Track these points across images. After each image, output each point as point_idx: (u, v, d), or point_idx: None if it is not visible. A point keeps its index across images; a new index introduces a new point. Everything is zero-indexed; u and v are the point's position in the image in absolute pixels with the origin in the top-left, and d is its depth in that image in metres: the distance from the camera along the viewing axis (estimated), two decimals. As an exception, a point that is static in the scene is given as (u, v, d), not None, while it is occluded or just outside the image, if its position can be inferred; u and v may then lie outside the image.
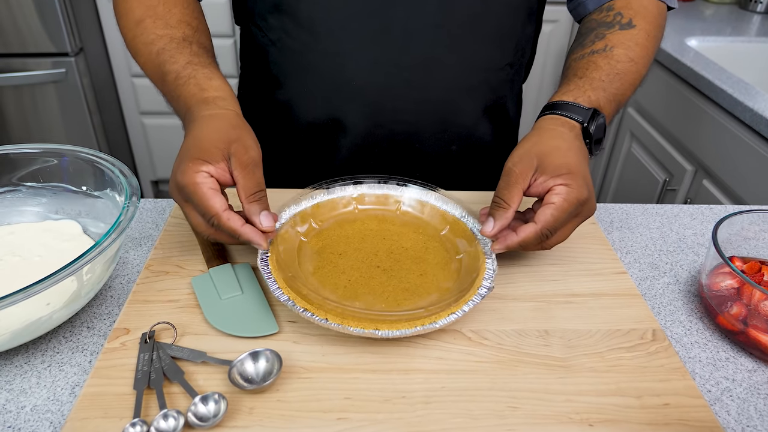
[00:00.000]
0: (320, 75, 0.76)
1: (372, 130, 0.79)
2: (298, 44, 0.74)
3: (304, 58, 0.75)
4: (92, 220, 0.65)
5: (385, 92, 0.75)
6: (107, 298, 0.59)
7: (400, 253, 0.61)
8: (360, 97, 0.76)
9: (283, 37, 0.75)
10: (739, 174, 1.23)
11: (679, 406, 0.47)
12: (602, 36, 0.69)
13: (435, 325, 0.50)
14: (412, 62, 0.73)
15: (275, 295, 0.52)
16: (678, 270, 0.66)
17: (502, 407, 0.46)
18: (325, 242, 0.62)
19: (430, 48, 0.73)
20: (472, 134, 0.82)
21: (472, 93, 0.78)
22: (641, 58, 0.68)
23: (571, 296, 0.59)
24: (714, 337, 0.57)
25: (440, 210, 0.64)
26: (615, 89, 0.65)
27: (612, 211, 0.77)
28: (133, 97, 2.14)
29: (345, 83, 0.75)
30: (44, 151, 0.64)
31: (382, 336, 0.49)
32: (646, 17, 0.70)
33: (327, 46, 0.73)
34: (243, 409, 0.45)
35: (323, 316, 0.50)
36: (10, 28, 1.80)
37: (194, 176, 0.53)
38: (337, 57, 0.74)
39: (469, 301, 0.53)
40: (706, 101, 1.32)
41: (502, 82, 0.80)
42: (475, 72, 0.77)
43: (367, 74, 0.74)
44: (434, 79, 0.75)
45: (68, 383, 0.49)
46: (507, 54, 0.78)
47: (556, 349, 0.52)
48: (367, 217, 0.65)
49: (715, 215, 0.77)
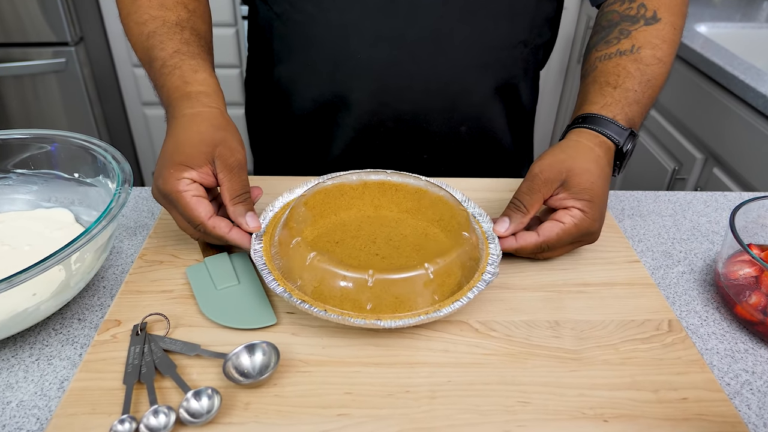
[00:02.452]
0: (324, 48, 0.73)
1: (377, 108, 0.76)
2: (303, 16, 0.72)
3: (309, 30, 0.73)
4: (85, 209, 0.62)
5: (391, 68, 0.73)
6: (99, 289, 0.57)
7: (399, 240, 0.58)
8: (365, 73, 0.73)
9: (288, 9, 0.73)
10: (751, 162, 1.20)
11: (698, 401, 0.45)
12: (627, 33, 0.66)
13: (439, 313, 0.48)
14: (419, 36, 0.71)
15: (271, 287, 0.49)
16: (692, 258, 0.64)
17: (512, 402, 0.44)
18: (321, 231, 0.59)
19: (438, 21, 0.70)
20: (482, 115, 0.79)
21: (483, 71, 0.75)
22: (668, 55, 0.66)
23: (582, 285, 0.56)
24: (732, 328, 0.55)
25: (439, 195, 0.61)
26: (647, 99, 0.63)
27: (623, 198, 0.74)
28: (135, 87, 2.12)
29: (349, 57, 0.72)
30: (35, 136, 0.62)
31: (384, 326, 0.47)
32: (670, 7, 0.67)
33: (331, 17, 0.71)
34: (238, 405, 0.43)
35: (322, 308, 0.48)
36: (11, 17, 1.78)
37: (176, 184, 0.52)
38: (341, 29, 0.71)
39: (473, 288, 0.50)
40: (717, 88, 1.29)
41: (515, 61, 0.77)
42: (486, 49, 0.74)
43: (372, 48, 0.71)
44: (442, 54, 0.72)
45: (57, 377, 0.47)
46: (520, 31, 0.74)
47: (568, 341, 0.50)
48: (363, 204, 0.62)
49: (730, 202, 0.74)
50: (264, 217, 0.58)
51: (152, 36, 0.62)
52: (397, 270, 0.49)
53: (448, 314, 0.48)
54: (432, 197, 0.61)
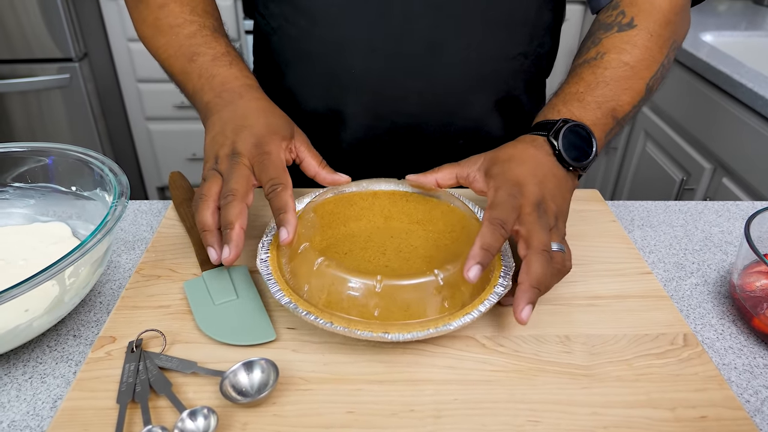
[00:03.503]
0: (319, 63, 0.73)
1: (372, 122, 0.75)
2: (297, 31, 0.72)
3: (304, 45, 0.72)
4: (83, 223, 0.61)
5: (386, 81, 0.71)
6: (96, 305, 0.55)
7: (409, 251, 0.57)
8: (359, 86, 0.72)
9: (283, 24, 0.73)
10: (760, 170, 1.18)
11: (718, 419, 0.43)
12: (598, 41, 0.64)
13: (449, 326, 0.46)
14: (414, 49, 0.69)
15: (276, 297, 0.48)
16: (706, 270, 0.62)
17: (521, 421, 0.42)
18: (329, 241, 0.58)
19: (433, 33, 0.69)
20: (480, 128, 0.77)
21: (481, 83, 0.74)
22: (639, 61, 0.62)
23: (593, 298, 0.54)
24: (749, 342, 0.52)
25: (451, 206, 0.60)
26: (598, 96, 0.60)
27: (632, 208, 0.73)
28: (139, 102, 2.13)
29: (344, 71, 0.72)
30: (32, 150, 0.61)
31: (391, 339, 0.45)
32: (651, 15, 0.64)
33: (325, 32, 0.70)
34: (235, 425, 0.41)
35: (328, 320, 0.46)
36: (16, 33, 1.79)
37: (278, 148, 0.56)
38: (335, 44, 0.70)
39: (485, 301, 0.48)
40: (724, 96, 1.27)
41: (514, 73, 0.75)
42: (484, 61, 0.72)
43: (367, 61, 0.70)
44: (438, 67, 0.71)
45: (50, 396, 0.46)
46: (519, 42, 0.73)
47: (579, 357, 0.48)
48: (373, 215, 0.61)
49: (742, 212, 0.73)
50: (271, 227, 0.56)
51: (195, 36, 0.66)
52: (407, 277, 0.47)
53: (458, 327, 0.46)
54: (443, 208, 0.59)
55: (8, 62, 1.85)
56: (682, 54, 1.41)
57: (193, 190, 0.68)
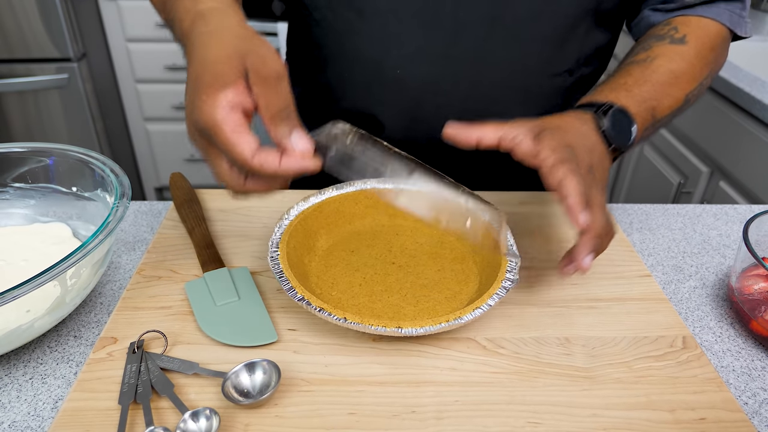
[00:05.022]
0: (363, 60, 0.71)
1: (411, 125, 0.74)
2: (343, 24, 0.70)
3: (348, 40, 0.71)
4: (83, 223, 0.61)
5: (430, 86, 0.71)
6: (96, 305, 0.55)
7: (414, 248, 0.58)
8: (402, 88, 0.71)
9: (328, 15, 0.71)
10: (758, 175, 1.18)
11: (716, 421, 0.43)
12: (648, 47, 0.66)
13: (461, 320, 0.46)
14: (461, 55, 0.69)
15: (289, 294, 0.48)
16: (704, 273, 0.62)
17: (522, 423, 0.42)
18: (336, 240, 0.59)
19: (481, 43, 0.68)
20: None
21: (523, 97, 0.73)
22: (684, 74, 0.64)
23: (592, 301, 0.54)
24: (747, 345, 0.53)
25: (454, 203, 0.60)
26: (644, 92, 0.61)
27: (631, 211, 0.73)
28: (137, 102, 2.12)
29: (387, 70, 0.71)
30: (32, 150, 0.61)
31: (405, 334, 0.45)
32: (700, 36, 0.66)
33: (373, 28, 0.69)
34: (237, 426, 0.41)
35: (341, 315, 0.46)
36: (14, 33, 1.79)
37: (213, 112, 0.43)
38: (382, 41, 0.69)
39: (493, 295, 0.49)
40: (722, 100, 1.28)
41: (557, 90, 0.74)
42: (528, 74, 0.72)
43: (412, 63, 0.70)
44: (483, 76, 0.70)
45: (51, 397, 0.46)
46: (566, 60, 0.72)
47: (579, 359, 0.48)
48: (377, 213, 0.62)
49: (740, 215, 0.73)
50: (279, 226, 0.56)
51: None
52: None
53: (470, 321, 0.46)
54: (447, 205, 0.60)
55: (6, 62, 1.84)
56: (680, 57, 1.41)
57: (194, 191, 0.68)
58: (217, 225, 0.64)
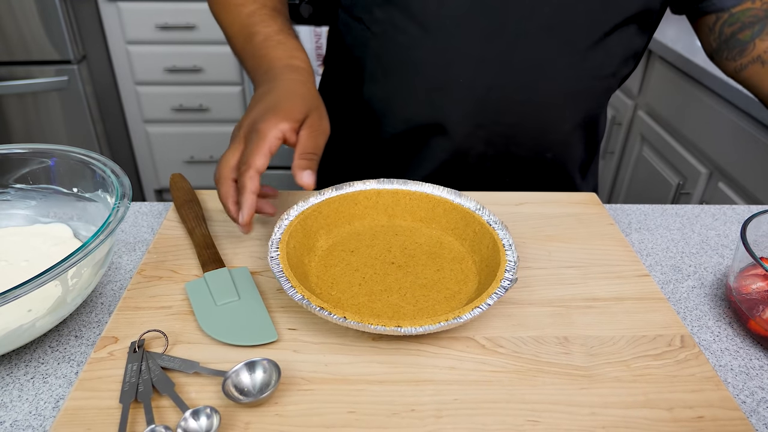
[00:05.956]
0: (425, 71, 0.73)
1: (472, 131, 0.76)
2: (406, 38, 0.72)
3: (411, 52, 0.73)
4: (84, 224, 0.61)
5: (491, 92, 0.73)
6: (97, 305, 0.55)
7: (414, 248, 0.58)
8: (465, 96, 0.74)
9: (389, 29, 0.73)
10: (757, 176, 1.19)
11: (714, 419, 0.43)
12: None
13: (460, 319, 0.47)
14: (521, 64, 0.71)
15: (289, 294, 0.48)
16: (702, 272, 0.62)
17: (521, 421, 0.43)
18: (335, 240, 0.59)
19: (540, 51, 0.71)
20: (568, 142, 0.80)
21: (576, 99, 0.76)
22: None
23: (591, 300, 0.55)
24: (745, 344, 0.53)
25: (453, 203, 0.61)
26: None
27: (629, 212, 0.73)
28: (137, 104, 2.13)
29: (450, 80, 0.73)
30: (33, 151, 0.61)
31: (404, 333, 0.46)
32: None
33: (437, 40, 0.71)
34: (238, 424, 0.42)
35: (341, 314, 0.46)
36: (14, 35, 1.79)
37: (270, 129, 0.55)
38: (445, 53, 0.71)
39: (492, 294, 0.49)
40: (720, 101, 1.28)
41: (604, 91, 0.78)
42: (581, 78, 0.74)
43: (475, 72, 0.72)
44: (542, 81, 0.73)
45: (52, 396, 0.46)
46: (613, 63, 0.75)
47: (578, 358, 0.48)
48: (377, 213, 0.62)
49: (738, 216, 0.73)
50: (279, 226, 0.57)
51: (254, 15, 0.70)
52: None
53: (469, 320, 0.47)
54: (446, 206, 0.61)
55: (6, 64, 1.85)
56: (679, 59, 1.42)
57: (194, 191, 0.68)
58: (217, 225, 0.64)
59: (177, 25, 1.97)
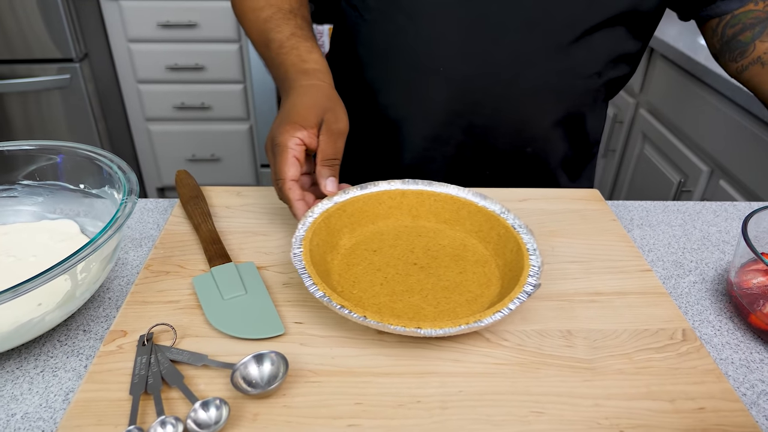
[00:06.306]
0: (409, 58, 0.75)
1: (451, 119, 0.78)
2: (394, 26, 0.74)
3: (396, 39, 0.75)
4: (91, 220, 0.62)
5: (470, 82, 0.74)
6: (105, 300, 0.56)
7: (437, 250, 0.58)
8: (444, 85, 0.75)
9: (378, 18, 0.75)
10: (758, 173, 1.19)
11: (715, 411, 0.44)
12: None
13: (480, 323, 0.46)
14: (502, 57, 0.72)
15: (310, 291, 0.49)
16: (704, 268, 0.63)
17: (525, 412, 0.43)
18: (358, 239, 0.60)
19: (522, 45, 0.72)
20: (548, 138, 0.81)
21: (556, 96, 0.77)
22: None
23: (594, 295, 0.55)
24: (746, 338, 0.54)
25: (478, 206, 0.61)
26: None
27: (631, 208, 0.74)
28: (139, 103, 2.13)
29: (432, 68, 0.74)
30: (41, 148, 0.61)
31: (424, 335, 0.46)
32: None
33: (421, 29, 0.73)
34: (246, 416, 0.42)
35: (361, 314, 0.47)
36: (16, 34, 1.80)
37: (288, 139, 0.57)
38: (429, 42, 0.73)
39: (514, 299, 0.49)
40: (722, 99, 1.29)
41: (587, 91, 0.78)
42: (563, 75, 0.75)
43: (455, 62, 0.73)
44: (522, 75, 0.74)
45: (62, 389, 0.46)
46: (597, 63, 0.75)
47: (581, 351, 0.49)
48: (401, 213, 0.62)
49: (739, 212, 0.74)
50: (303, 223, 0.57)
51: (269, 20, 0.71)
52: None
53: (489, 324, 0.47)
54: (470, 208, 0.61)
55: (8, 62, 1.85)
56: (680, 57, 1.42)
57: (200, 188, 0.69)
58: (223, 221, 0.65)
59: (179, 23, 1.97)
